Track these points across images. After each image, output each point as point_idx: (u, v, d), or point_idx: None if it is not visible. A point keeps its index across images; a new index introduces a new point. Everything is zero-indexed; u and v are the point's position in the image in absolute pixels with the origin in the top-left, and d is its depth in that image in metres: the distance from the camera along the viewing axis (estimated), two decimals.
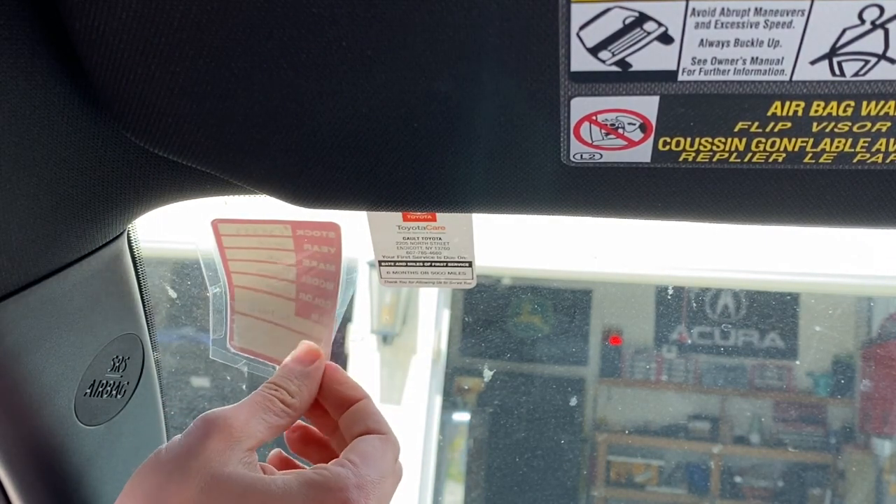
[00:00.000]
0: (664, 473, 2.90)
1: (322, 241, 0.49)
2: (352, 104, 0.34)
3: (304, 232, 0.49)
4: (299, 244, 0.50)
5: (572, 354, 2.74)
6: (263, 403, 0.43)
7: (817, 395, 2.79)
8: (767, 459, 2.79)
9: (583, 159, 0.36)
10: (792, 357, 2.76)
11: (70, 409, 0.49)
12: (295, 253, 0.50)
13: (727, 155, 0.34)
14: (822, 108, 0.32)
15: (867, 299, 2.57)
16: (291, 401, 0.45)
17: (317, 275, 0.50)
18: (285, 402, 0.44)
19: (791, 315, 2.56)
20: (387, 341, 2.56)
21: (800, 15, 0.28)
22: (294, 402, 0.45)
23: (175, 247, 1.78)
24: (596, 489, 2.87)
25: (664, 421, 2.89)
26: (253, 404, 0.43)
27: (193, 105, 0.35)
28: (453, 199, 0.40)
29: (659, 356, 2.87)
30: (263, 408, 0.43)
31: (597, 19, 0.29)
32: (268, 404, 0.43)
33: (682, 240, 2.22)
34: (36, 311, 0.45)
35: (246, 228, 0.50)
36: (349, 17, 0.30)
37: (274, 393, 0.44)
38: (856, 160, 0.34)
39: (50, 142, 0.38)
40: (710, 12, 0.28)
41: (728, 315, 2.69)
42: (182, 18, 0.31)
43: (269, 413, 0.43)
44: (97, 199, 0.44)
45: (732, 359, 2.83)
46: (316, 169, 0.38)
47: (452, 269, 0.52)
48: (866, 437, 2.66)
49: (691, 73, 0.30)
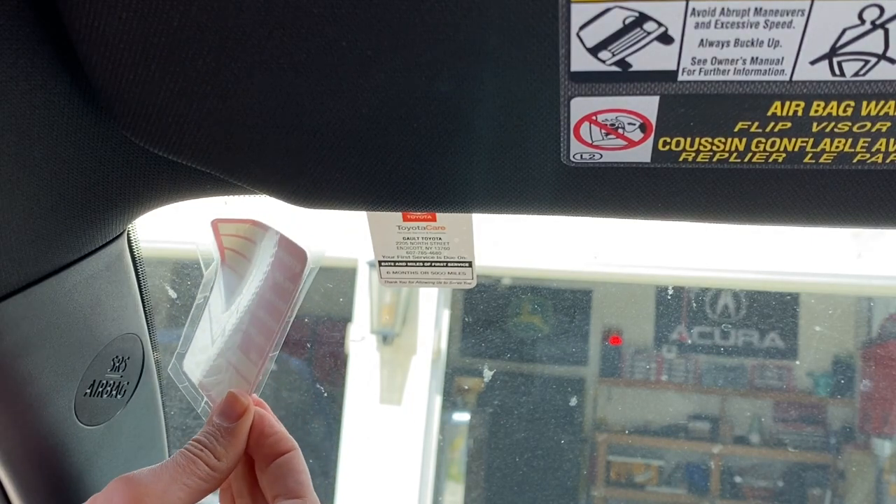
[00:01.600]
0: (664, 473, 2.90)
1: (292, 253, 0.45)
2: (351, 104, 0.34)
3: None
4: None
5: (572, 354, 2.74)
6: (187, 467, 0.41)
7: (817, 395, 2.79)
8: (767, 459, 2.79)
9: (583, 159, 0.36)
10: (792, 357, 2.76)
11: (70, 409, 0.49)
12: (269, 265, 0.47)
13: (727, 155, 0.34)
14: (822, 108, 0.32)
15: (867, 299, 2.57)
16: (217, 463, 0.42)
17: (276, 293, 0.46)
18: (210, 464, 0.41)
19: (791, 315, 2.56)
20: (387, 341, 2.56)
21: (800, 15, 0.28)
22: (220, 466, 0.42)
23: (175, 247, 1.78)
24: (596, 489, 2.87)
25: (664, 421, 2.90)
26: (175, 467, 0.40)
27: (193, 105, 0.35)
28: (453, 199, 0.40)
29: (659, 356, 2.87)
30: (187, 472, 0.40)
31: (597, 19, 0.29)
32: (192, 468, 0.41)
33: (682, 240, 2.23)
34: (36, 311, 0.45)
35: (243, 229, 0.48)
36: (348, 17, 0.30)
37: (199, 454, 0.41)
38: (856, 160, 0.34)
39: (50, 142, 0.38)
40: (710, 12, 0.28)
41: (728, 315, 2.69)
42: (181, 19, 0.31)
43: (193, 477, 0.40)
44: (97, 199, 0.44)
45: (732, 359, 2.83)
46: (315, 169, 0.38)
47: (452, 269, 0.52)
48: (866, 437, 2.66)
49: (691, 73, 0.30)
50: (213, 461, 0.42)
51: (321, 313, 2.80)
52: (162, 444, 0.62)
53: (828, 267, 2.23)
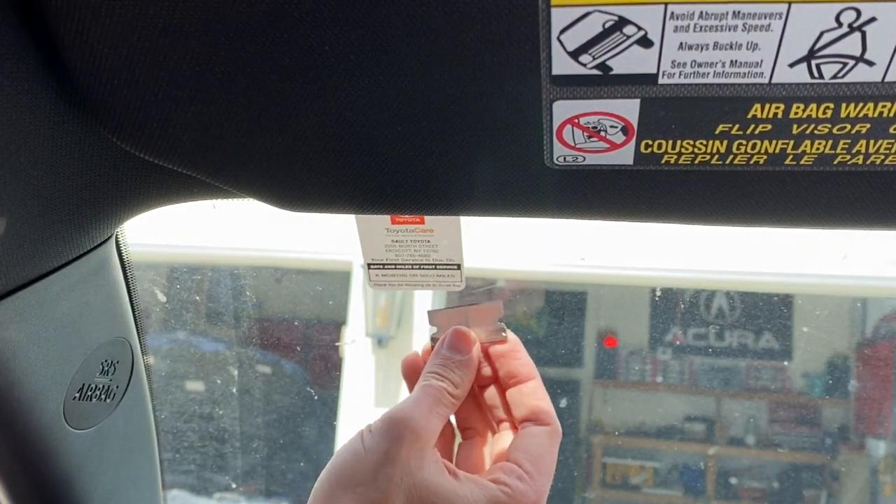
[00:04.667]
0: (659, 475, 2.90)
1: None
2: (335, 108, 0.34)
3: None
4: None
5: (567, 356, 2.74)
6: (436, 396, 0.44)
7: (812, 396, 2.80)
8: (762, 460, 2.79)
9: (566, 162, 0.36)
10: (786, 358, 2.76)
11: (59, 413, 0.49)
12: None
13: (709, 157, 0.35)
14: (801, 111, 0.32)
15: (861, 300, 2.57)
16: (455, 391, 0.45)
17: None
18: (451, 392, 0.45)
19: (785, 316, 2.57)
20: (381, 344, 2.56)
21: (778, 18, 0.28)
22: (458, 393, 0.45)
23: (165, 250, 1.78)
24: (591, 491, 2.87)
25: (659, 422, 2.90)
26: (427, 398, 0.43)
27: (178, 109, 0.35)
28: (439, 202, 0.40)
29: (654, 358, 2.87)
30: (437, 401, 0.43)
31: (577, 23, 0.29)
32: (439, 397, 0.44)
33: (676, 241, 2.23)
34: (24, 315, 0.45)
35: None
36: (331, 22, 0.30)
37: (441, 384, 0.44)
38: (836, 161, 0.34)
39: (37, 146, 0.38)
40: (688, 16, 0.28)
41: (723, 316, 2.69)
42: (165, 23, 0.31)
43: (441, 406, 0.43)
44: (85, 204, 0.44)
45: (727, 360, 2.83)
46: (301, 173, 0.38)
47: (441, 271, 0.52)
48: (861, 437, 2.66)
49: (671, 76, 0.31)
50: (452, 389, 0.45)
51: (315, 316, 2.80)
52: (152, 447, 0.62)
53: (822, 268, 2.24)
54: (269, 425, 2.38)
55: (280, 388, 2.57)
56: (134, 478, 0.59)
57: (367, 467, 0.39)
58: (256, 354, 2.32)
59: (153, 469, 0.62)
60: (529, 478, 0.42)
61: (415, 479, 0.38)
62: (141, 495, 0.61)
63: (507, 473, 0.42)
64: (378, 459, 0.39)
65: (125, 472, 0.58)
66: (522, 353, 0.49)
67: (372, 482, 0.38)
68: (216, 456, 2.24)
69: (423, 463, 0.39)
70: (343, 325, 2.60)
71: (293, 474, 2.48)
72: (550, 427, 0.46)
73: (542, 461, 0.43)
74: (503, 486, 0.41)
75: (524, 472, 0.42)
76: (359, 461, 0.39)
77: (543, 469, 0.43)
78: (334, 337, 2.67)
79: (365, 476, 0.38)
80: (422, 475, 0.39)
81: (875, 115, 0.32)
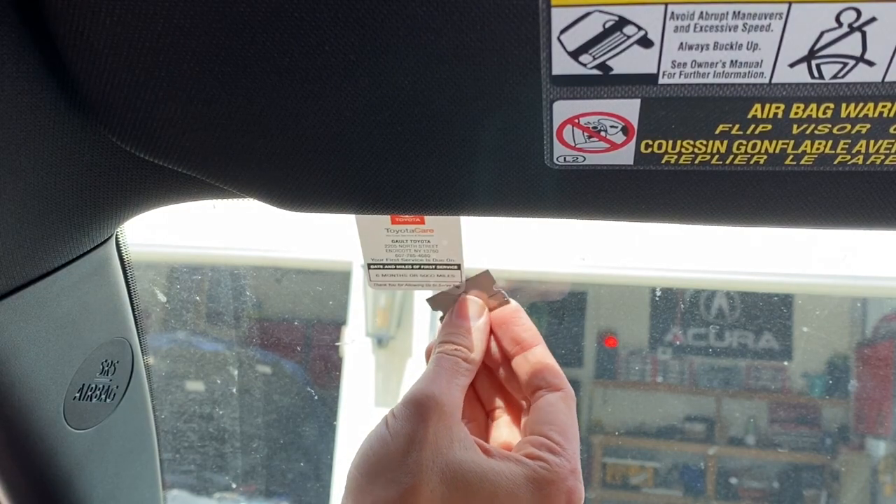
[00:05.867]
0: (659, 475, 2.90)
1: None
2: (335, 108, 0.34)
3: None
4: None
5: (567, 356, 2.74)
6: (453, 366, 0.43)
7: (812, 396, 2.80)
8: (763, 461, 2.79)
9: (566, 162, 0.36)
10: (787, 358, 2.76)
11: (59, 413, 0.49)
12: None
13: (709, 157, 0.35)
14: (801, 111, 0.32)
15: (861, 300, 2.57)
16: (471, 356, 0.44)
17: None
18: (467, 359, 0.44)
19: (786, 316, 2.57)
20: (381, 344, 2.56)
21: (778, 18, 0.28)
22: (474, 358, 0.44)
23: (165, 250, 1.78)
24: (591, 491, 2.87)
25: (659, 422, 2.90)
26: (444, 372, 0.42)
27: (178, 109, 0.35)
28: (439, 202, 0.40)
29: (654, 358, 2.87)
30: (454, 372, 0.42)
31: (577, 23, 0.29)
32: (455, 367, 0.43)
33: (677, 241, 2.23)
34: (24, 315, 0.45)
35: None
36: (331, 22, 0.30)
37: (456, 353, 0.44)
38: (837, 161, 0.34)
39: (37, 146, 0.38)
40: (688, 16, 0.28)
41: (723, 316, 2.69)
42: (165, 23, 0.31)
43: (460, 376, 0.43)
44: (85, 204, 0.44)
45: (727, 360, 2.83)
46: (301, 172, 0.38)
47: (441, 271, 0.52)
48: (861, 437, 2.66)
49: (671, 76, 0.31)
50: (467, 354, 0.45)
51: (315, 316, 2.80)
52: (152, 447, 0.62)
53: (822, 268, 2.24)
54: (269, 425, 2.38)
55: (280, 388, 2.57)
56: (134, 478, 0.59)
57: (396, 453, 0.37)
58: (256, 354, 2.32)
59: (153, 469, 0.62)
60: (561, 449, 0.41)
61: (447, 459, 0.37)
62: (141, 495, 0.61)
63: (538, 448, 0.41)
64: (405, 443, 0.38)
65: (125, 472, 0.58)
66: (525, 318, 0.48)
67: (402, 467, 0.37)
68: (216, 456, 2.24)
69: (453, 441, 0.38)
70: (343, 325, 2.60)
71: (293, 474, 2.48)
72: (564, 391, 0.45)
73: (567, 429, 0.42)
74: (539, 461, 0.40)
75: (554, 444, 0.41)
76: (386, 448, 0.38)
77: (571, 436, 0.42)
78: (334, 337, 2.67)
79: (394, 462, 0.37)
80: (453, 454, 0.37)
81: (875, 115, 0.32)
